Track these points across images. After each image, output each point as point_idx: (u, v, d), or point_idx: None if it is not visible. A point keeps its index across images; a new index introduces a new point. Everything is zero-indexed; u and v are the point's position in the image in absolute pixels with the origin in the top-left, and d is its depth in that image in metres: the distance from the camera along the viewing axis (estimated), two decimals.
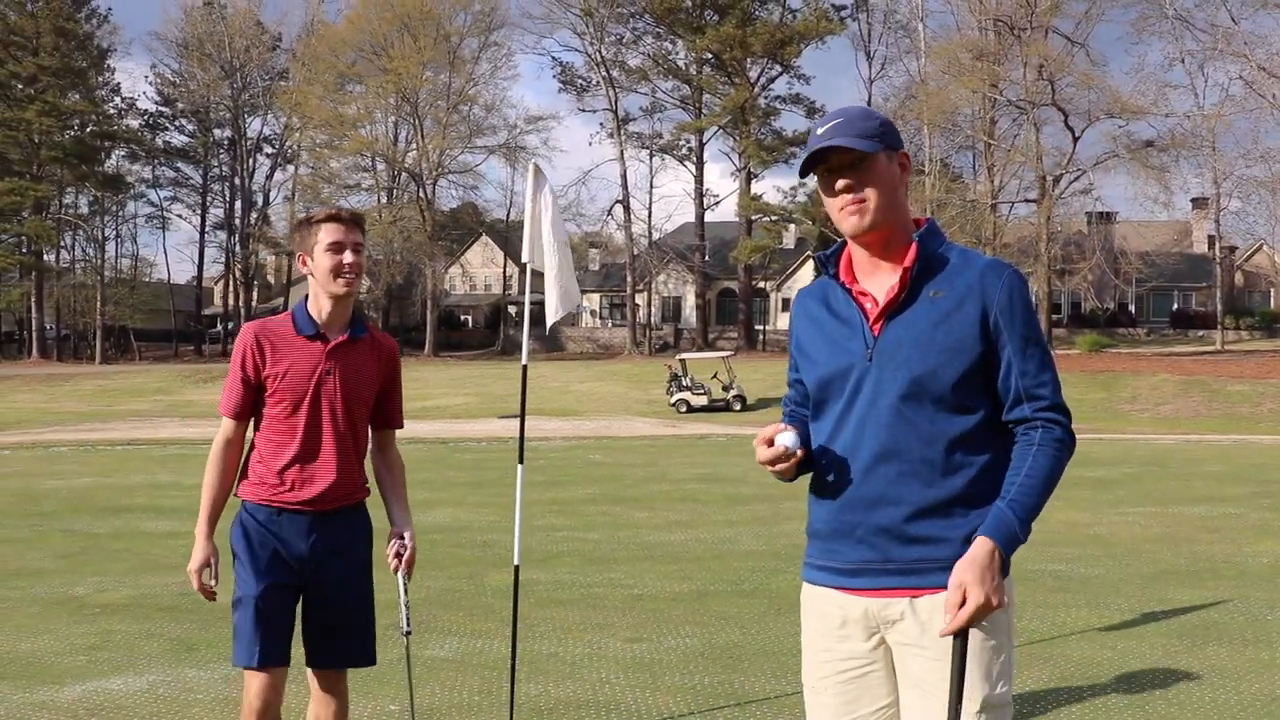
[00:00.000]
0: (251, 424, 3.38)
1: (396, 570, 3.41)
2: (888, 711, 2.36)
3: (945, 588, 2.21)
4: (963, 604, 2.16)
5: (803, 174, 2.40)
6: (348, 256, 3.28)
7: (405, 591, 3.40)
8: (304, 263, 3.35)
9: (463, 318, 72.44)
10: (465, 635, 6.44)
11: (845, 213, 2.33)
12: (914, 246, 2.35)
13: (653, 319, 64.60)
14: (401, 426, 3.51)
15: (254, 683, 3.23)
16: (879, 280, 2.37)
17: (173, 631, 6.42)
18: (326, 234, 3.29)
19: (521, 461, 4.83)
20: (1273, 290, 56.98)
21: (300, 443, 3.26)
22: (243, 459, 3.37)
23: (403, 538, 3.40)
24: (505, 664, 5.25)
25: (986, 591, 2.14)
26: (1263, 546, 9.35)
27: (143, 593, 7.52)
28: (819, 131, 2.33)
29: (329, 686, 3.35)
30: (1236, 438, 24.67)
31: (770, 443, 2.32)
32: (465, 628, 6.63)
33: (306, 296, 3.40)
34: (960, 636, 2.16)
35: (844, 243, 2.46)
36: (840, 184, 2.31)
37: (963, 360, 2.29)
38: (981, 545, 2.18)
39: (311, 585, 3.30)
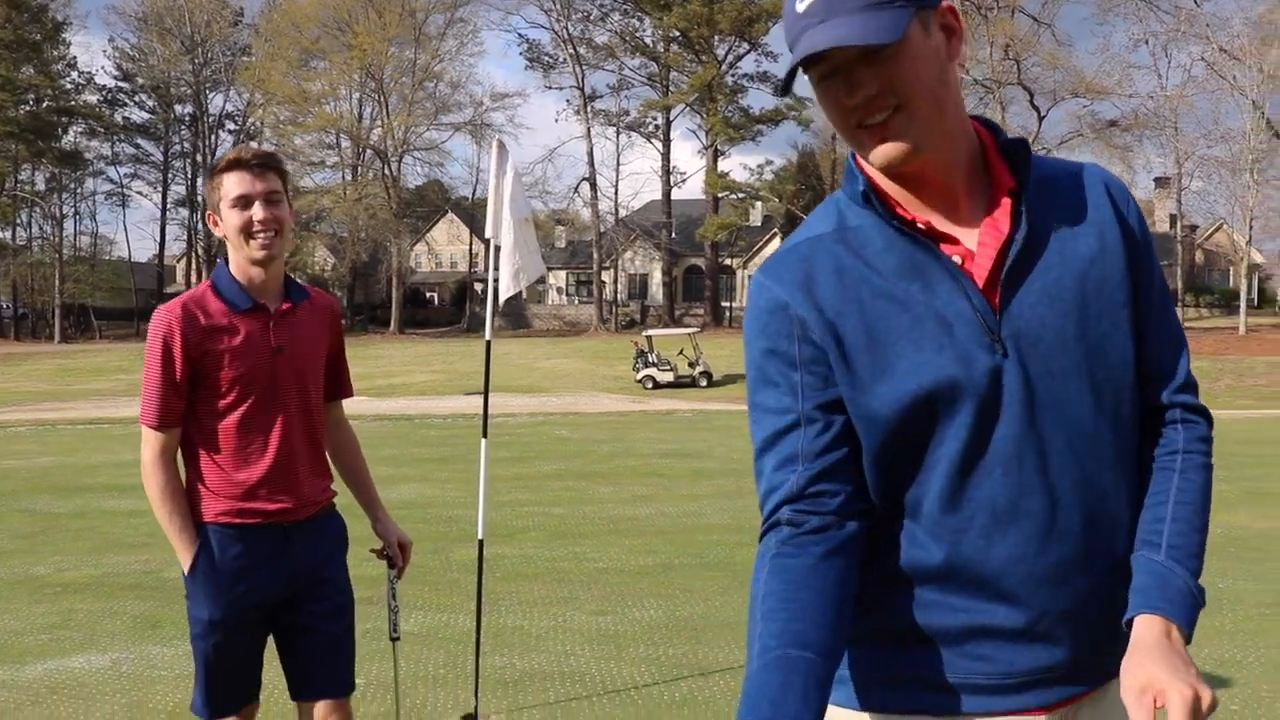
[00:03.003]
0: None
1: (396, 579, 3.15)
2: None
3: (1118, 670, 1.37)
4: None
5: (785, 90, 1.53)
6: (258, 212, 2.66)
7: (394, 597, 3.23)
8: (214, 223, 2.74)
9: (428, 295, 72.07)
10: (431, 609, 6.46)
11: (869, 136, 1.40)
12: (999, 159, 1.49)
13: (619, 296, 64.55)
14: (351, 394, 3.09)
15: None
16: (956, 220, 1.46)
17: (135, 609, 6.39)
18: (230, 185, 2.66)
19: (485, 436, 4.83)
20: (1231, 269, 57.68)
21: (262, 442, 2.71)
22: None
23: (397, 547, 3.09)
24: (471, 637, 5.27)
25: (1194, 684, 1.27)
26: (1218, 518, 9.50)
27: (105, 571, 7.47)
28: (800, 8, 1.38)
29: (326, 715, 2.82)
30: None
31: None
32: (431, 602, 6.64)
33: (225, 262, 2.78)
34: None
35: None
36: (857, 96, 1.38)
37: (1126, 325, 1.47)
38: (1153, 626, 1.35)
39: (292, 610, 2.80)
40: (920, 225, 1.44)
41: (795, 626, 1.36)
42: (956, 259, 1.44)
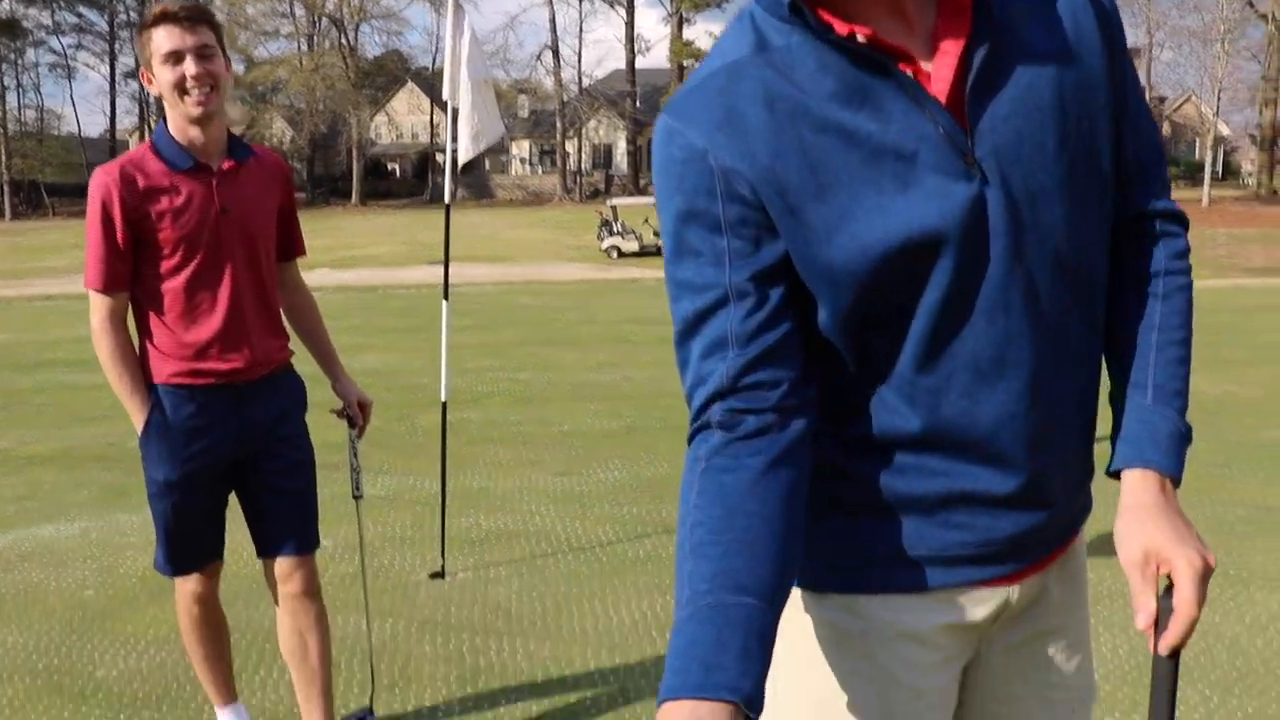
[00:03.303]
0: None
1: (357, 439, 3.15)
2: None
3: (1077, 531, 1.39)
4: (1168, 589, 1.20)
5: None
6: (190, 67, 2.58)
7: (356, 455, 3.25)
8: (148, 80, 2.66)
9: (390, 167, 70.82)
10: (397, 474, 6.52)
11: None
12: None
13: (583, 166, 63.73)
14: (304, 254, 3.05)
15: (182, 587, 2.89)
16: (904, 29, 1.22)
17: (102, 479, 6.42)
18: (160, 40, 2.58)
19: (446, 298, 4.81)
20: (1198, 140, 57.52)
21: (210, 303, 2.69)
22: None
23: (356, 406, 3.07)
24: (436, 499, 5.34)
25: (1201, 550, 1.20)
26: None
27: (70, 444, 7.47)
28: None
29: (290, 572, 2.84)
30: None
31: None
32: (397, 466, 6.71)
33: (165, 122, 2.72)
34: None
35: None
36: None
37: (1107, 129, 1.29)
38: (1147, 485, 1.25)
39: (251, 469, 2.81)
40: (862, 38, 1.16)
41: (732, 565, 1.11)
42: (909, 71, 1.19)
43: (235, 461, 2.81)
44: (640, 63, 62.96)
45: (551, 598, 4.39)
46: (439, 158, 62.22)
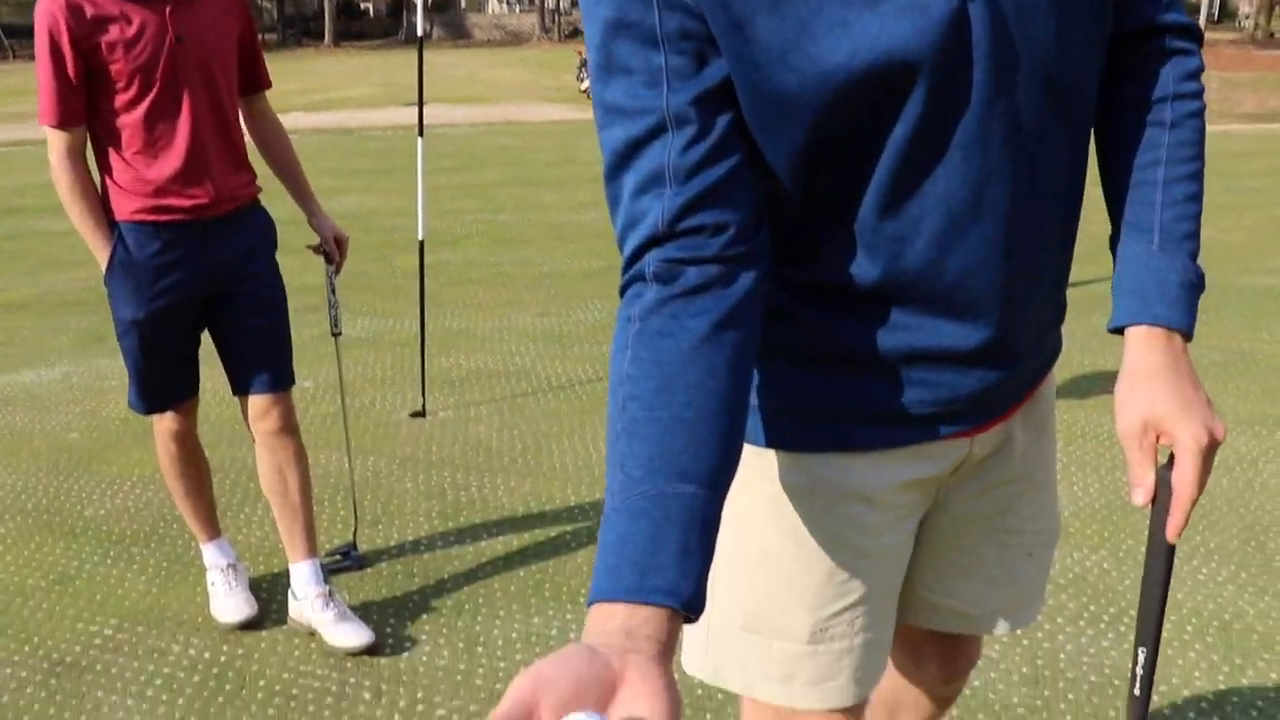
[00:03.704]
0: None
1: (334, 275, 3.10)
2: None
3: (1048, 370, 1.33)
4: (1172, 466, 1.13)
5: None
6: None
7: (334, 292, 3.22)
8: None
9: (363, 6, 68.53)
10: (376, 315, 6.52)
11: None
12: None
13: (561, 4, 61.79)
14: (270, 86, 2.97)
15: (159, 425, 2.90)
16: None
17: (80, 325, 6.39)
18: None
19: (421, 134, 4.71)
20: None
21: (170, 137, 2.61)
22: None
23: (333, 242, 3.02)
24: (416, 340, 5.34)
25: (1208, 422, 1.12)
26: None
27: (45, 290, 7.41)
28: None
29: (266, 409, 2.84)
30: None
31: None
32: (376, 308, 6.69)
33: None
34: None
35: None
36: None
37: None
38: (1153, 345, 1.15)
39: (221, 307, 2.78)
40: None
41: (670, 447, 0.96)
42: None
43: (205, 300, 2.79)
44: None
45: (531, 435, 4.44)
46: None
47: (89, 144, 2.66)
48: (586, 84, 34.66)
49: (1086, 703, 2.56)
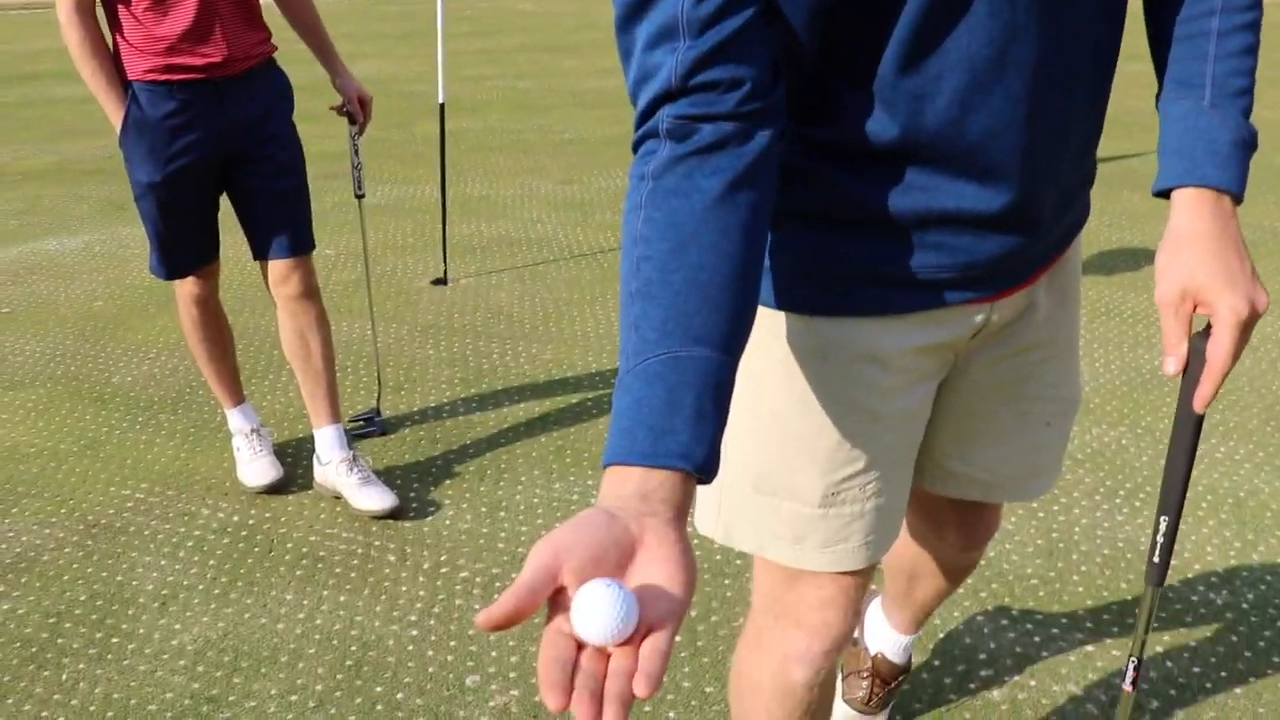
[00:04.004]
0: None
1: (357, 135, 3.07)
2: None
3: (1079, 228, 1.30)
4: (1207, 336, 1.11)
5: None
6: None
7: (357, 153, 3.18)
8: None
9: None
10: (397, 182, 6.47)
11: None
12: None
13: None
14: None
15: (180, 289, 2.90)
16: None
17: (100, 193, 6.38)
18: None
19: None
20: None
21: None
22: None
23: (356, 103, 2.97)
24: (438, 207, 5.31)
25: (1250, 293, 1.09)
26: None
27: (65, 158, 7.38)
28: None
29: (287, 274, 2.82)
30: None
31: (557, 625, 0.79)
32: (397, 175, 6.64)
33: None
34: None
35: None
36: None
37: None
38: (1200, 207, 1.11)
39: (239, 170, 2.75)
40: None
41: (684, 309, 0.94)
42: None
43: (222, 163, 2.76)
44: None
45: (553, 303, 4.44)
46: None
47: (99, 2, 2.60)
48: None
49: (1099, 575, 2.59)
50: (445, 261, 4.76)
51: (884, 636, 1.99)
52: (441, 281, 4.69)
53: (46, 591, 2.58)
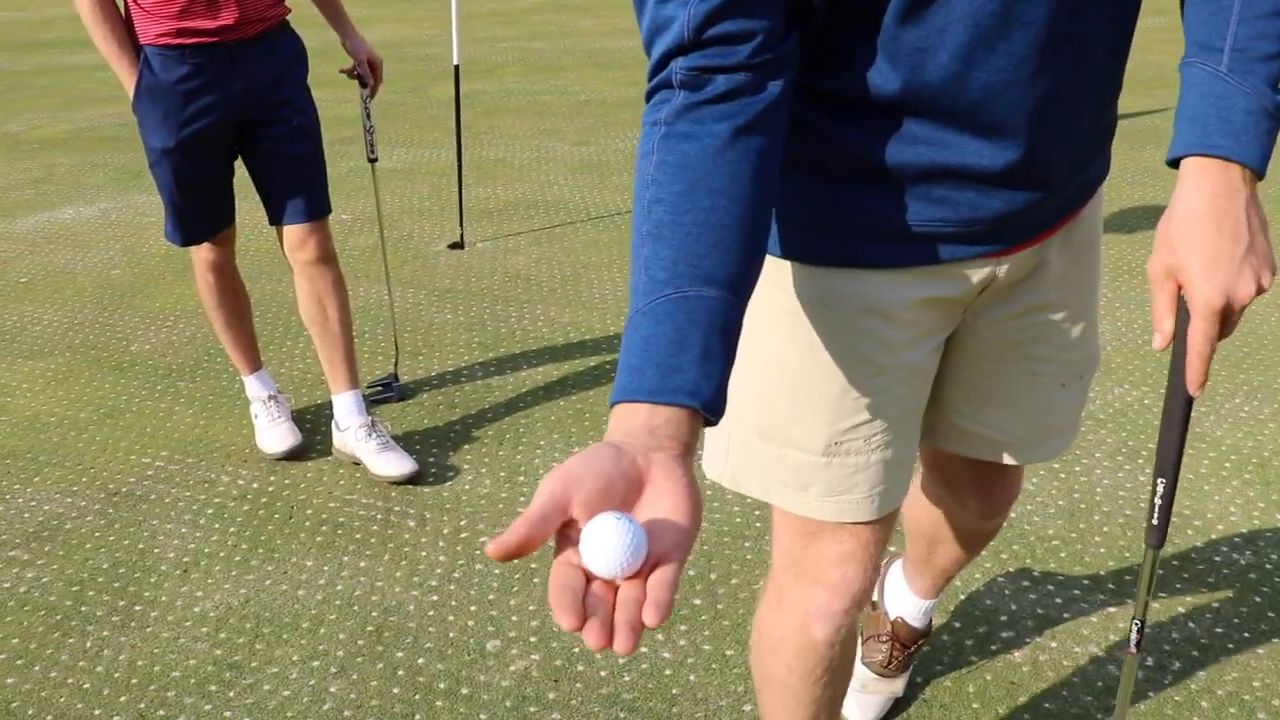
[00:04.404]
0: None
1: (369, 98, 3.05)
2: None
3: (1094, 191, 1.29)
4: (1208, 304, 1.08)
5: None
6: None
7: (369, 116, 3.16)
8: None
9: None
10: (413, 146, 6.44)
11: None
12: None
13: None
14: None
15: (198, 253, 2.90)
16: None
17: (116, 161, 6.38)
18: None
19: None
20: None
21: None
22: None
23: (366, 65, 2.96)
24: (453, 170, 5.29)
25: (1230, 284, 1.06)
26: None
27: (80, 126, 7.38)
28: None
29: (304, 239, 2.82)
30: None
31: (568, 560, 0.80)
32: (412, 138, 6.61)
33: None
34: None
35: None
36: None
37: None
38: (1205, 178, 1.07)
39: (254, 135, 2.74)
40: None
41: (694, 250, 0.96)
42: None
43: (237, 127, 2.74)
44: None
45: (570, 266, 4.42)
46: None
47: None
48: None
49: (1121, 536, 2.57)
50: (462, 225, 4.74)
51: (904, 601, 1.98)
52: (458, 245, 4.68)
53: (70, 560, 2.59)
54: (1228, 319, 1.08)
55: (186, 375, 3.56)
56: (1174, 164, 1.10)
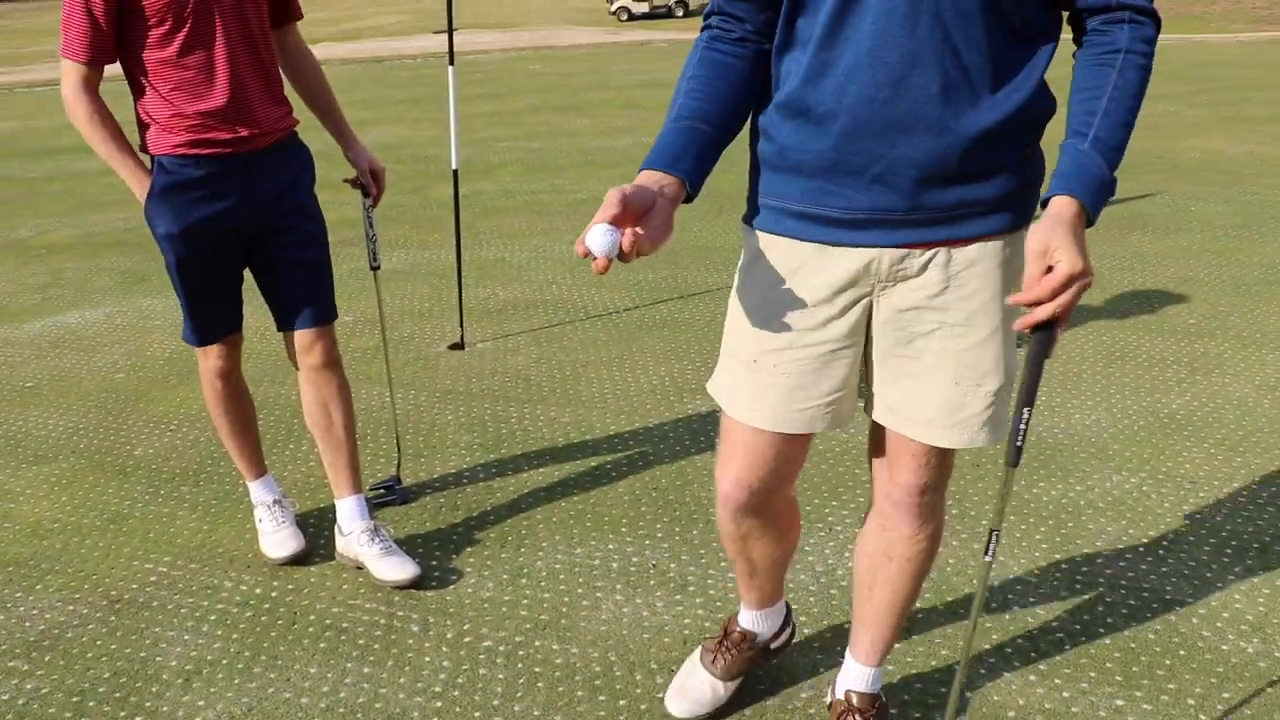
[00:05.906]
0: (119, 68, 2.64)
1: (371, 208, 3.10)
2: (838, 397, 1.84)
3: (986, 236, 1.69)
4: (1052, 278, 1.52)
5: None
6: None
7: (372, 224, 3.21)
8: None
9: None
10: (413, 247, 6.53)
11: None
12: None
13: None
14: (301, 17, 2.95)
15: (205, 359, 2.94)
16: None
17: (122, 265, 6.46)
18: None
19: (452, 63, 4.67)
20: None
21: (208, 74, 2.61)
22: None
23: (369, 175, 3.02)
24: (453, 271, 5.36)
25: (1085, 262, 1.51)
26: (1194, 142, 9.42)
27: (87, 231, 7.48)
28: None
29: (310, 344, 2.87)
30: (1183, 37, 24.22)
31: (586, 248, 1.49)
32: (412, 239, 6.71)
33: None
34: (1047, 326, 1.57)
35: None
36: None
37: None
38: (1065, 206, 1.53)
39: (264, 243, 2.79)
40: None
41: (705, 106, 1.70)
42: None
43: (248, 235, 2.78)
44: None
45: (570, 365, 4.46)
46: None
47: (126, 83, 2.65)
48: (615, 5, 34.17)
49: (1126, 626, 2.57)
50: (462, 326, 4.80)
51: (848, 672, 2.19)
52: (459, 346, 4.73)
53: (70, 669, 2.58)
54: (1075, 283, 1.52)
55: (190, 480, 3.58)
56: (1044, 202, 1.58)
